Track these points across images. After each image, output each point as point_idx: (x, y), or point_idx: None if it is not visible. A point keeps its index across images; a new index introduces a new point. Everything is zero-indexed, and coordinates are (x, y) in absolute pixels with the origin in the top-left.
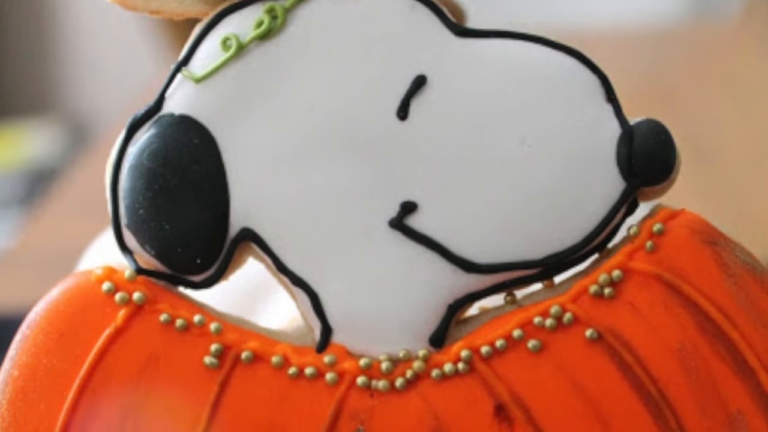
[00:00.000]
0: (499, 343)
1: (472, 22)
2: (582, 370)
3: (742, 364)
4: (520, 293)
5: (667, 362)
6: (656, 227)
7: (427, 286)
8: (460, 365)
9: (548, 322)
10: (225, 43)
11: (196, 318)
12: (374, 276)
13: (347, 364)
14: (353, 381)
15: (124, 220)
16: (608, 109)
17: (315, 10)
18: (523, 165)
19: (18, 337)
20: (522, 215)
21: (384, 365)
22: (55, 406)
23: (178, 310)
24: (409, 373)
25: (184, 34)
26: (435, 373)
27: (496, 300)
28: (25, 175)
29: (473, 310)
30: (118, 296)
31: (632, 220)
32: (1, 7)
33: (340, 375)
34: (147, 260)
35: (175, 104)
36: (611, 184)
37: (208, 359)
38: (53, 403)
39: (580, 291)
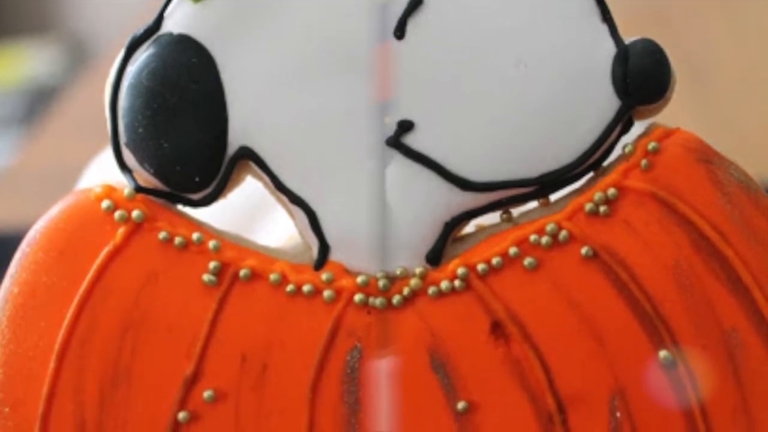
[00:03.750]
0: (495, 260)
1: None
2: (577, 287)
3: (737, 281)
4: (516, 211)
5: (662, 280)
6: (651, 145)
7: (424, 204)
8: (457, 282)
9: (544, 239)
10: None
11: (195, 236)
12: (372, 194)
13: (345, 282)
14: (350, 298)
15: (123, 138)
16: (603, 28)
17: None
18: (519, 84)
19: (18, 255)
20: (518, 134)
21: (381, 282)
22: (54, 324)
23: (177, 227)
24: (405, 291)
25: None
26: (431, 290)
27: (493, 218)
28: (25, 94)
29: (470, 227)
30: (117, 214)
31: (627, 138)
32: None
33: (338, 292)
34: (146, 178)
35: (174, 24)
36: (606, 102)
37: (206, 277)
38: (53, 320)
39: (575, 209)
